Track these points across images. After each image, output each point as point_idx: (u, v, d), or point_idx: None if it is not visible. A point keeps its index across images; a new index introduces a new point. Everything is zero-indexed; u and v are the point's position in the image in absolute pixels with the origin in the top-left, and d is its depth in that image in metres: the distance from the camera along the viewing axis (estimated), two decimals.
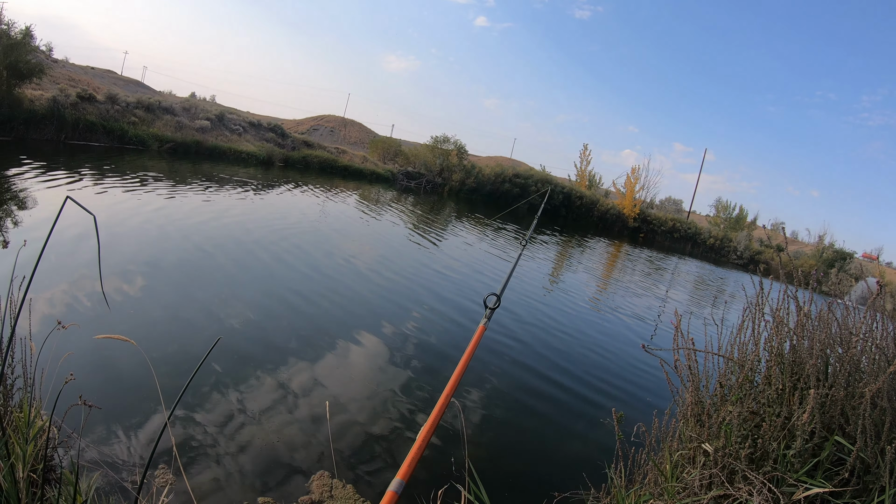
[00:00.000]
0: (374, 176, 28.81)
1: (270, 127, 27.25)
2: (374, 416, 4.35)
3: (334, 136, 45.55)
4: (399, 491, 1.23)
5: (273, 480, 3.40)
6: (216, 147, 21.73)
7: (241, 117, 26.40)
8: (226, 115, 24.60)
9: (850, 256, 33.68)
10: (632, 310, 10.75)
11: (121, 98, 19.63)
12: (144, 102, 20.54)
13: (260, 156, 23.19)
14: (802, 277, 2.41)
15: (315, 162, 26.60)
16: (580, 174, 40.81)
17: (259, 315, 5.79)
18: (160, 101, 21.49)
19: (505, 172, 33.46)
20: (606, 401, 5.50)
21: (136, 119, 19.39)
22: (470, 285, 9.32)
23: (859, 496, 1.80)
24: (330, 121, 49.31)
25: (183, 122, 21.26)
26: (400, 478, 1.26)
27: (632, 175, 36.96)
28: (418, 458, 1.34)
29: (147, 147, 18.90)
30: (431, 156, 31.90)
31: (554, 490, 3.06)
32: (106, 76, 33.18)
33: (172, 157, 18.77)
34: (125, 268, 6.30)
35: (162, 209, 9.75)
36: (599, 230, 32.38)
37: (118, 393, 3.90)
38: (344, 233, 11.68)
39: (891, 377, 1.85)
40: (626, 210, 35.68)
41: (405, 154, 33.07)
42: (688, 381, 2.66)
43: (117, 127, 18.30)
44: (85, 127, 17.30)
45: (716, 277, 22.27)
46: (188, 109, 22.60)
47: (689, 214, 43.11)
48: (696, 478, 2.27)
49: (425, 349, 5.90)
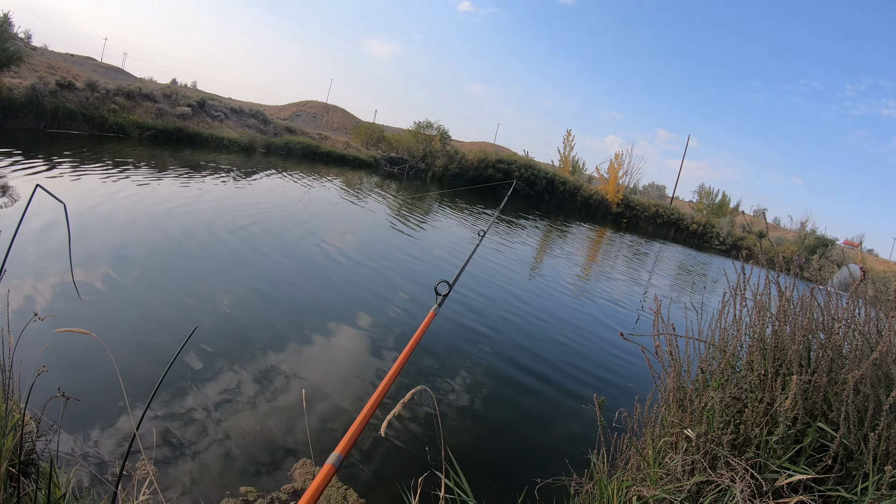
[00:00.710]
0: (356, 162, 28.55)
1: (252, 113, 26.87)
2: (355, 403, 4.30)
3: (317, 121, 45.06)
4: (337, 464, 1.19)
5: (255, 470, 3.34)
6: (197, 134, 21.36)
7: (223, 103, 25.97)
8: (207, 102, 24.18)
9: (831, 243, 33.96)
10: (614, 296, 10.77)
11: (101, 85, 19.18)
12: (125, 89, 20.09)
13: (242, 142, 22.84)
14: (784, 263, 2.38)
15: (297, 148, 26.29)
16: (563, 160, 40.69)
17: (239, 304, 5.69)
18: (140, 88, 21.03)
19: (488, 158, 33.28)
20: (588, 387, 5.49)
21: (117, 106, 18.95)
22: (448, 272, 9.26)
23: (842, 483, 1.78)
24: (312, 106, 48.74)
25: (164, 108, 20.84)
26: (338, 452, 1.22)
27: (615, 161, 36.81)
28: (357, 434, 1.31)
29: (128, 134, 18.51)
30: (414, 141, 31.65)
31: (536, 477, 3.02)
32: (86, 63, 32.44)
33: (153, 144, 18.42)
34: (100, 257, 6.15)
35: (140, 197, 9.54)
36: (583, 215, 32.41)
37: (98, 385, 3.80)
38: (325, 220, 11.54)
39: (873, 364, 1.82)
40: (610, 195, 35.60)
41: (388, 140, 32.79)
42: (669, 366, 2.63)
43: (97, 114, 17.92)
44: (65, 115, 16.90)
45: (698, 263, 22.40)
46: (169, 96, 22.16)
47: (672, 200, 43.21)
48: (678, 463, 2.24)
49: (404, 336, 5.84)
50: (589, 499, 2.62)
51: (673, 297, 11.66)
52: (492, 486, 3.58)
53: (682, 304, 3.26)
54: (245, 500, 3.09)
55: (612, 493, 2.33)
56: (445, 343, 5.92)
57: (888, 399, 1.65)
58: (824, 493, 1.75)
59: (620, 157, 36.94)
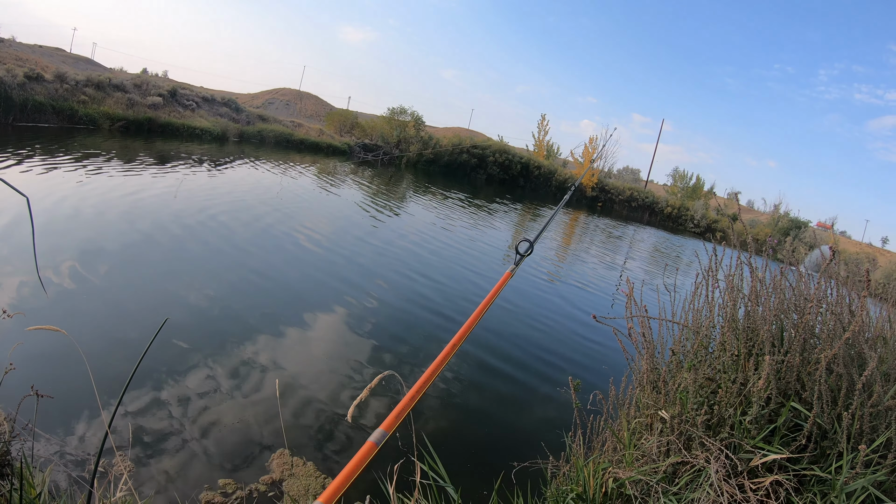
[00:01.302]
0: (330, 149, 28.14)
1: (224, 101, 26.28)
2: (331, 393, 4.24)
3: (290, 109, 44.39)
4: (380, 442, 1.10)
5: (233, 462, 3.28)
6: (169, 124, 20.82)
7: (195, 92, 25.30)
8: (178, 91, 23.55)
9: (804, 225, 34.26)
10: (589, 281, 10.83)
11: (70, 76, 18.54)
12: (94, 80, 19.43)
13: (214, 131, 22.34)
14: (754, 244, 2.37)
15: (270, 136, 25.81)
16: (538, 144, 40.31)
17: (211, 296, 5.56)
18: (111, 79, 20.36)
19: (463, 143, 32.98)
20: (564, 371, 5.50)
21: (87, 98, 18.34)
22: (423, 261, 9.21)
23: (817, 462, 1.78)
24: (285, 94, 48.00)
25: (134, 99, 20.24)
26: (383, 429, 1.12)
27: (590, 145, 36.68)
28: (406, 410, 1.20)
29: (98, 126, 17.96)
30: (388, 128, 31.29)
31: (513, 461, 3.01)
32: (55, 54, 31.37)
33: (124, 135, 17.89)
34: (68, 252, 5.95)
35: (110, 190, 9.26)
36: (557, 200, 32.35)
37: (71, 382, 3.69)
38: (298, 209, 11.35)
39: (846, 343, 1.81)
40: (584, 180, 35.41)
41: (362, 126, 32.32)
42: (643, 348, 2.62)
43: (67, 106, 17.33)
44: (34, 108, 16.30)
45: (672, 245, 22.58)
46: (140, 86, 21.50)
47: (646, 184, 43.41)
48: (653, 445, 2.23)
49: (379, 324, 5.79)
50: (565, 481, 2.61)
51: (646, 279, 11.76)
52: (469, 472, 3.56)
53: (654, 287, 3.26)
54: (224, 492, 3.02)
55: (588, 474, 2.31)
56: (420, 331, 5.88)
57: (861, 378, 1.64)
58: (799, 472, 1.75)
59: (595, 142, 36.87)
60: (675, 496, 1.91)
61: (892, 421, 1.72)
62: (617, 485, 2.17)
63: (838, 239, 36.51)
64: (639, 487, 2.08)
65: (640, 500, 2.02)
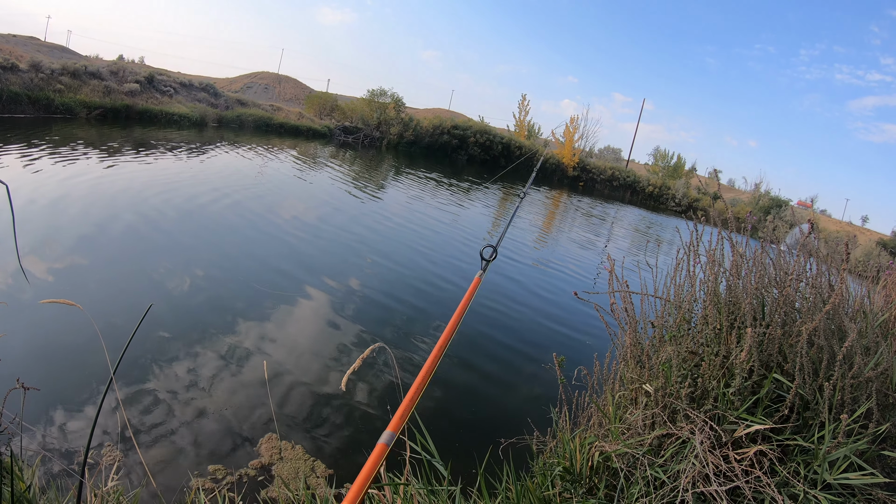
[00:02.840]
0: (310, 132, 27.66)
1: (202, 87, 25.66)
2: (319, 377, 4.21)
3: (269, 93, 43.59)
4: (390, 443, 1.13)
5: (222, 448, 3.24)
6: (147, 110, 20.27)
7: (172, 78, 24.64)
8: (155, 77, 22.92)
9: (785, 204, 34.23)
10: (573, 258, 10.86)
11: (45, 65, 17.92)
12: (70, 68, 18.81)
13: (193, 117, 21.82)
14: (734, 221, 2.36)
15: (250, 120, 25.28)
16: (519, 124, 39.82)
17: (195, 282, 5.48)
18: (86, 66, 19.72)
19: (443, 124, 32.57)
20: (549, 348, 5.51)
21: (63, 86, 17.75)
22: (406, 238, 9.16)
23: (799, 432, 1.78)
24: (264, 78, 47.09)
25: (111, 86, 19.66)
26: (391, 430, 1.16)
27: (571, 125, 36.24)
28: (409, 410, 1.23)
29: (75, 115, 17.45)
30: (368, 109, 30.74)
31: (500, 437, 3.01)
32: (29, 43, 30.36)
33: (102, 123, 17.41)
34: (50, 241, 5.81)
35: (88, 179, 9.04)
36: (539, 179, 32.23)
37: (58, 373, 3.63)
38: (280, 192, 11.19)
39: (826, 316, 1.81)
40: (566, 159, 35.16)
41: (342, 109, 31.73)
42: (626, 324, 2.62)
43: (43, 96, 16.79)
44: (9, 98, 15.74)
45: (654, 224, 22.67)
46: (116, 73, 20.86)
47: (627, 163, 43.15)
48: (638, 418, 2.23)
49: (364, 307, 5.75)
50: (552, 455, 2.61)
51: (628, 257, 11.75)
52: (458, 449, 3.57)
53: (636, 263, 3.25)
54: (214, 478, 2.99)
55: (574, 448, 2.31)
56: (408, 310, 5.85)
57: (841, 350, 1.64)
58: (782, 442, 1.76)
59: (576, 121, 36.43)
60: (661, 468, 1.92)
61: (872, 391, 1.73)
62: (603, 458, 2.17)
63: (818, 218, 36.90)
64: (625, 460, 2.08)
65: (627, 473, 2.02)
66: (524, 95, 40.96)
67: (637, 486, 1.89)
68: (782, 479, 1.65)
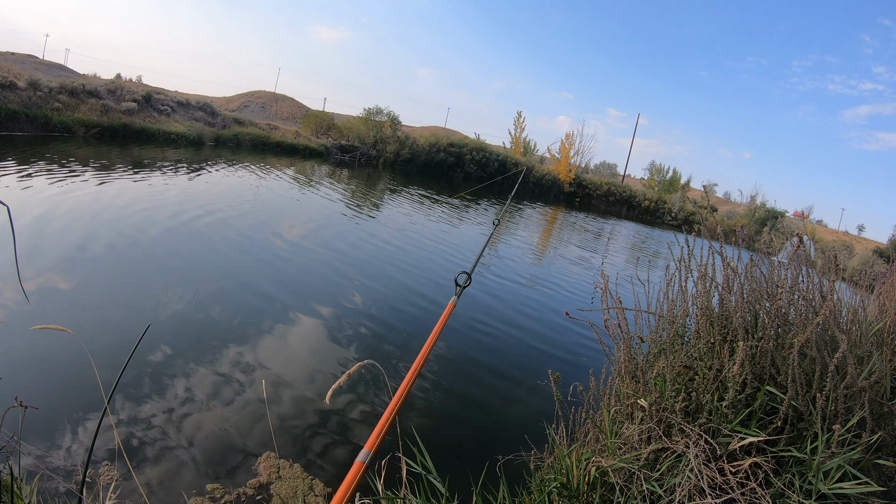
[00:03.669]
0: (307, 151, 27.75)
1: (200, 105, 25.77)
2: (317, 394, 4.18)
3: (265, 112, 43.87)
4: (366, 461, 1.15)
5: (220, 467, 3.21)
6: (144, 129, 20.31)
7: (169, 97, 24.75)
8: (153, 96, 23.04)
9: (781, 215, 34.15)
10: (569, 275, 10.86)
11: (43, 84, 18.01)
12: (68, 87, 18.92)
13: (190, 136, 21.90)
14: (722, 235, 2.38)
15: (247, 139, 25.38)
16: (515, 141, 39.92)
17: (192, 300, 5.46)
18: (84, 85, 19.83)
19: (439, 142, 32.61)
20: (545, 365, 5.50)
21: (60, 105, 17.84)
22: (414, 261, 9.16)
23: (794, 443, 1.78)
24: (261, 97, 47.45)
25: (109, 105, 19.76)
26: (367, 448, 1.17)
27: (566, 141, 36.33)
28: (385, 429, 1.25)
29: (73, 133, 17.48)
30: (365, 128, 30.83)
31: (498, 454, 2.99)
32: (27, 61, 30.68)
33: (99, 142, 17.44)
34: (49, 260, 5.80)
35: (87, 198, 9.03)
36: (535, 196, 32.16)
37: (55, 391, 3.59)
38: (277, 212, 11.19)
39: (818, 327, 1.82)
40: (562, 175, 35.10)
41: (338, 127, 31.83)
42: (620, 339, 2.62)
43: (41, 114, 16.83)
44: (7, 116, 15.80)
45: (650, 239, 22.59)
46: (113, 92, 20.99)
47: (623, 178, 43.11)
48: (634, 433, 2.23)
49: (361, 323, 5.73)
50: (549, 472, 2.60)
51: (623, 272, 11.80)
52: (455, 466, 3.53)
53: (629, 279, 3.26)
54: (212, 497, 2.96)
55: (571, 464, 2.30)
56: (404, 329, 5.84)
57: (833, 361, 1.65)
58: (777, 453, 1.76)
59: (571, 137, 36.51)
60: (657, 482, 1.91)
61: (865, 401, 1.73)
62: (600, 473, 2.16)
63: (814, 228, 36.79)
64: (621, 475, 2.07)
65: (623, 488, 2.01)
66: (519, 112, 41.13)
67: (634, 501, 1.88)
68: (777, 491, 1.65)
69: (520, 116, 40.45)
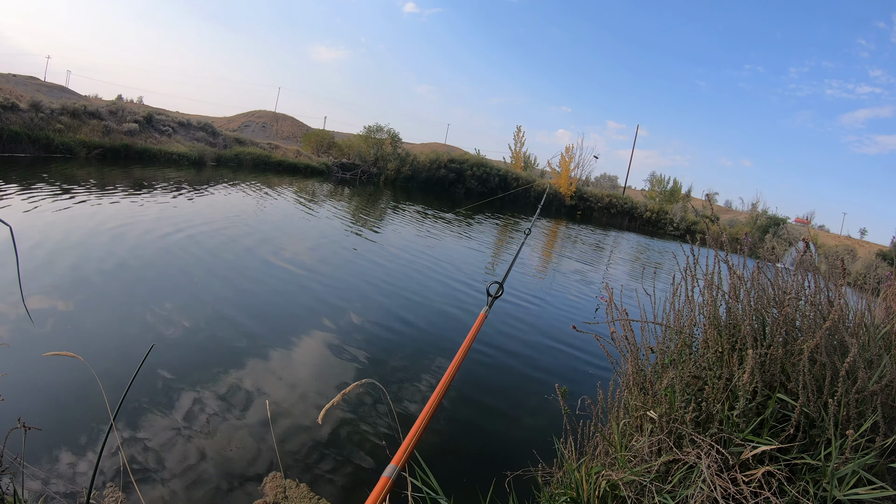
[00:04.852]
0: (308, 170, 27.83)
1: (201, 126, 25.97)
2: (318, 412, 4.15)
3: (266, 131, 44.18)
4: (393, 476, 1.12)
5: (226, 488, 3.18)
6: (146, 150, 20.46)
7: (171, 118, 24.94)
8: (154, 117, 23.25)
9: (783, 222, 33.76)
10: (574, 288, 10.82)
11: (45, 105, 18.22)
12: (70, 108, 19.13)
13: (191, 156, 22.04)
14: (728, 243, 2.37)
15: (248, 159, 25.50)
16: (515, 156, 40.08)
17: (196, 322, 5.44)
18: (86, 106, 20.03)
19: (440, 158, 32.58)
20: (551, 379, 5.46)
21: (62, 126, 18.00)
22: (407, 277, 9.15)
23: (807, 450, 1.76)
24: (261, 116, 47.81)
25: (110, 126, 19.95)
26: (394, 463, 1.15)
27: (566, 154, 36.16)
28: (414, 444, 1.23)
29: (75, 154, 17.62)
30: (365, 146, 30.91)
31: (506, 469, 2.95)
32: (29, 83, 31.05)
33: (101, 163, 17.53)
34: (51, 281, 5.81)
35: (89, 218, 9.07)
36: (536, 209, 31.99)
37: (59, 413, 3.58)
38: (280, 231, 11.20)
39: (827, 333, 1.81)
40: (563, 189, 34.91)
41: (339, 146, 31.94)
42: (627, 351, 2.61)
43: (43, 135, 16.99)
44: (9, 138, 15.94)
45: (652, 250, 22.48)
46: (115, 113, 21.20)
47: (624, 190, 42.81)
48: (644, 445, 2.20)
49: (363, 342, 5.71)
50: (559, 486, 2.57)
51: (627, 284, 11.66)
52: (462, 483, 3.49)
53: (634, 291, 3.25)
54: None
55: (581, 478, 2.28)
56: (409, 346, 5.81)
57: (843, 365, 1.63)
58: (790, 461, 1.73)
59: (571, 150, 36.37)
60: (670, 494, 1.89)
61: (877, 405, 1.71)
62: (610, 487, 2.14)
63: (816, 234, 36.58)
64: (633, 488, 2.04)
65: (635, 501, 1.99)
66: (519, 127, 41.34)
67: None
68: (792, 499, 1.62)
69: (519, 131, 40.70)
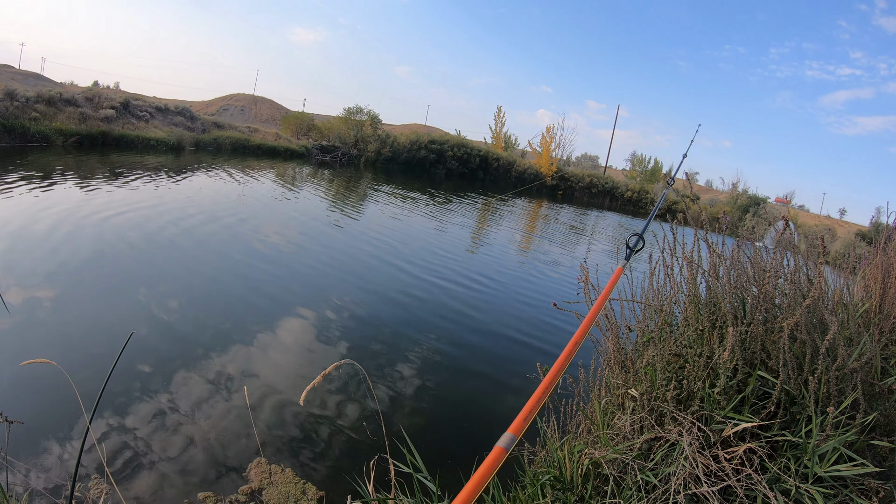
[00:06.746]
0: (288, 153, 27.54)
1: (178, 110, 25.43)
2: (306, 398, 4.11)
3: (245, 115, 43.47)
4: (509, 447, 1.04)
5: (211, 475, 3.14)
6: (123, 136, 20.04)
7: (148, 103, 24.39)
8: (131, 102, 22.72)
9: (763, 201, 33.82)
10: (554, 268, 10.85)
11: (20, 93, 17.68)
12: (45, 96, 18.59)
13: (169, 141, 21.60)
14: (707, 222, 2.35)
15: (227, 143, 25.10)
16: (496, 136, 39.91)
17: (175, 309, 5.35)
18: (61, 94, 19.51)
19: (420, 139, 32.55)
20: (533, 357, 5.47)
21: (38, 114, 17.52)
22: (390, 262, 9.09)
23: (787, 427, 1.76)
24: (240, 100, 47.01)
25: (87, 112, 19.45)
26: (512, 433, 1.04)
27: (547, 134, 36.21)
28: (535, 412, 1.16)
29: (51, 143, 17.17)
30: (345, 128, 30.66)
31: (488, 448, 2.94)
32: (3, 71, 30.08)
33: (79, 150, 17.11)
34: (28, 271, 5.65)
35: (66, 207, 8.84)
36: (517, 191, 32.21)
37: (42, 407, 3.51)
38: (258, 216, 11.05)
39: (807, 310, 1.80)
40: (544, 169, 34.98)
41: (319, 128, 31.61)
42: (607, 330, 2.60)
43: (18, 124, 16.51)
44: None
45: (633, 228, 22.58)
46: (91, 99, 20.65)
47: (605, 170, 42.85)
48: (626, 423, 2.20)
49: (349, 329, 5.66)
50: (542, 465, 2.56)
51: (606, 263, 11.80)
52: (447, 464, 3.49)
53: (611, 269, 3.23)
54: None
55: (563, 457, 2.27)
56: (391, 329, 5.78)
57: (823, 343, 1.63)
58: (771, 438, 1.73)
59: (552, 130, 36.38)
60: (652, 471, 1.88)
61: (857, 382, 1.71)
62: (593, 465, 2.13)
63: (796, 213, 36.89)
64: (615, 466, 2.04)
65: (617, 478, 1.98)
66: (499, 107, 41.33)
67: (628, 491, 1.85)
68: (773, 476, 1.62)
69: (500, 111, 40.55)
